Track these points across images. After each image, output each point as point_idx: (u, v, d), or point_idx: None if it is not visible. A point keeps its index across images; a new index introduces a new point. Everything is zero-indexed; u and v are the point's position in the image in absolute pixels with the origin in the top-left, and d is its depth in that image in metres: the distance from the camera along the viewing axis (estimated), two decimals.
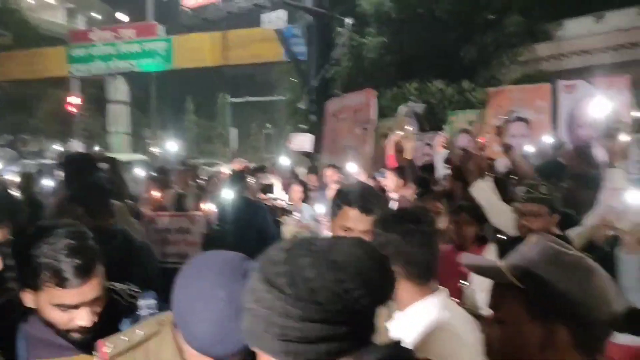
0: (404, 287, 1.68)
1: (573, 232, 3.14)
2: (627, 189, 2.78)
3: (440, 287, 1.77)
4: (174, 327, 1.40)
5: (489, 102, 7.28)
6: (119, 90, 29.13)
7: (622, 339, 2.21)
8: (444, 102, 11.16)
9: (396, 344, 0.98)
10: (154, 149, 12.16)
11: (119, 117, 29.42)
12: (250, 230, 4.66)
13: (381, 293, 0.95)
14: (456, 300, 2.77)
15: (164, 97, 35.02)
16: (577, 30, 18.37)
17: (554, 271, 1.13)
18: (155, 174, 7.71)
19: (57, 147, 21.56)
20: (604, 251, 2.78)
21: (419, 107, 8.85)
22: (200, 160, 19.36)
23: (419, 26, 14.22)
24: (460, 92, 11.49)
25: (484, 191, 3.48)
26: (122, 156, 15.85)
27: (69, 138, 25.34)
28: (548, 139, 5.99)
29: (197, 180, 7.84)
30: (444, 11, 14.32)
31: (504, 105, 7.02)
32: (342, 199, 2.15)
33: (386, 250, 1.61)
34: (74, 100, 24.99)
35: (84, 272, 1.59)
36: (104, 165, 4.81)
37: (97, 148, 14.40)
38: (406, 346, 1.00)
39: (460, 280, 2.85)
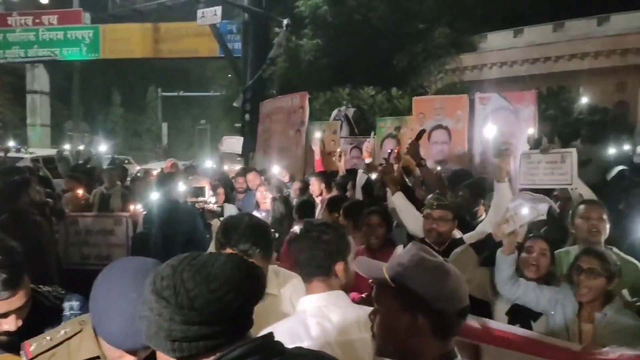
0: None
1: (467, 236, 3.56)
2: (511, 202, 3.23)
3: (337, 289, 1.96)
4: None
5: (414, 110, 7.68)
6: (39, 79, 27.43)
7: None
8: (374, 108, 11.60)
9: (266, 337, 1.22)
10: (80, 146, 11.67)
11: (38, 108, 27.73)
12: (178, 234, 4.65)
13: (250, 297, 1.18)
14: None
15: (88, 88, 33.48)
16: (498, 43, 19.59)
17: (417, 274, 1.42)
18: (78, 172, 7.47)
19: None
20: (494, 249, 3.20)
21: (351, 112, 9.22)
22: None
23: (354, 32, 14.64)
24: (389, 99, 11.98)
25: (402, 199, 3.94)
26: (43, 151, 15.12)
27: None
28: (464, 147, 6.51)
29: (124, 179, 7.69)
30: (378, 18, 14.81)
31: (427, 113, 7.42)
32: (225, 238, 2.19)
33: None
34: None
35: (11, 286, 1.71)
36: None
37: (11, 143, 13.59)
38: (275, 339, 1.23)
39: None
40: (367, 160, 5.99)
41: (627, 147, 7.63)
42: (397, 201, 3.93)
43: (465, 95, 7.43)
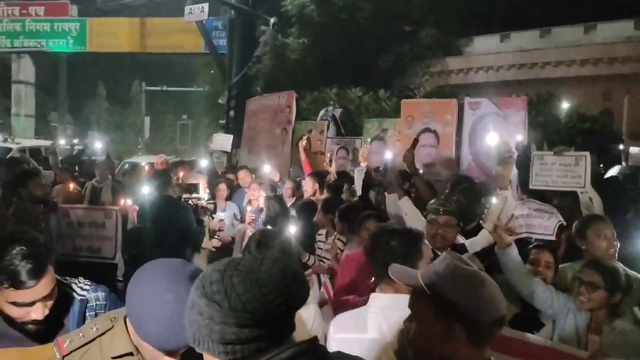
0: None
1: (469, 242, 3.55)
2: (517, 209, 3.22)
3: (405, 293, 2.03)
4: (125, 323, 1.62)
5: (402, 112, 7.65)
6: (25, 70, 27.21)
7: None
8: (361, 109, 11.59)
9: (311, 341, 1.26)
10: (75, 139, 11.66)
11: (23, 98, 27.52)
12: (172, 230, 4.69)
13: (296, 301, 1.22)
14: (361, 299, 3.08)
15: (73, 80, 33.16)
16: (485, 47, 19.68)
17: (453, 282, 1.44)
18: (69, 164, 7.46)
19: None
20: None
21: (338, 112, 9.19)
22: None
23: (341, 31, 14.65)
24: (376, 101, 11.99)
25: (408, 203, 3.97)
26: (30, 142, 14.98)
27: None
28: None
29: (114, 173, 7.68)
30: (364, 18, 14.83)
31: (415, 116, 7.41)
32: (258, 254, 2.24)
33: None
34: None
35: (35, 274, 1.78)
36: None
37: None
38: (319, 342, 1.28)
39: (369, 279, 3.13)
40: (363, 165, 5.99)
41: (620, 147, 7.76)
42: (404, 206, 3.95)
43: (455, 99, 7.42)
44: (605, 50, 17.00)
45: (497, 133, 5.64)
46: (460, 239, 3.56)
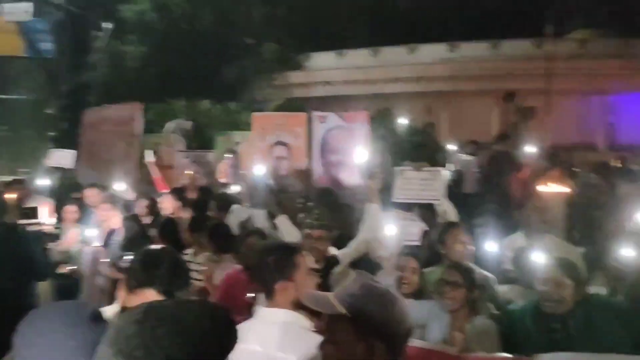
0: None
1: (341, 253, 3.73)
2: (384, 221, 3.48)
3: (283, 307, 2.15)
4: None
5: (253, 126, 7.73)
6: None
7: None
8: (212, 122, 11.44)
9: None
10: None
11: None
12: (12, 261, 4.12)
13: (228, 347, 1.12)
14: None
15: None
16: (322, 63, 20.64)
17: (369, 302, 1.50)
18: None
19: None
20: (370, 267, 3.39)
21: (187, 125, 8.96)
22: None
23: (182, 41, 14.32)
24: (227, 113, 11.93)
25: (285, 222, 4.12)
26: None
27: None
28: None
29: None
30: (205, 28, 14.70)
31: (267, 129, 7.55)
32: (146, 277, 2.12)
33: None
34: None
35: None
36: None
37: None
38: None
39: (247, 294, 3.15)
40: (222, 180, 5.91)
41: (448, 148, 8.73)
42: (281, 224, 4.10)
43: (304, 113, 7.72)
44: (425, 70, 18.91)
45: (333, 143, 6.00)
46: (332, 250, 3.73)
